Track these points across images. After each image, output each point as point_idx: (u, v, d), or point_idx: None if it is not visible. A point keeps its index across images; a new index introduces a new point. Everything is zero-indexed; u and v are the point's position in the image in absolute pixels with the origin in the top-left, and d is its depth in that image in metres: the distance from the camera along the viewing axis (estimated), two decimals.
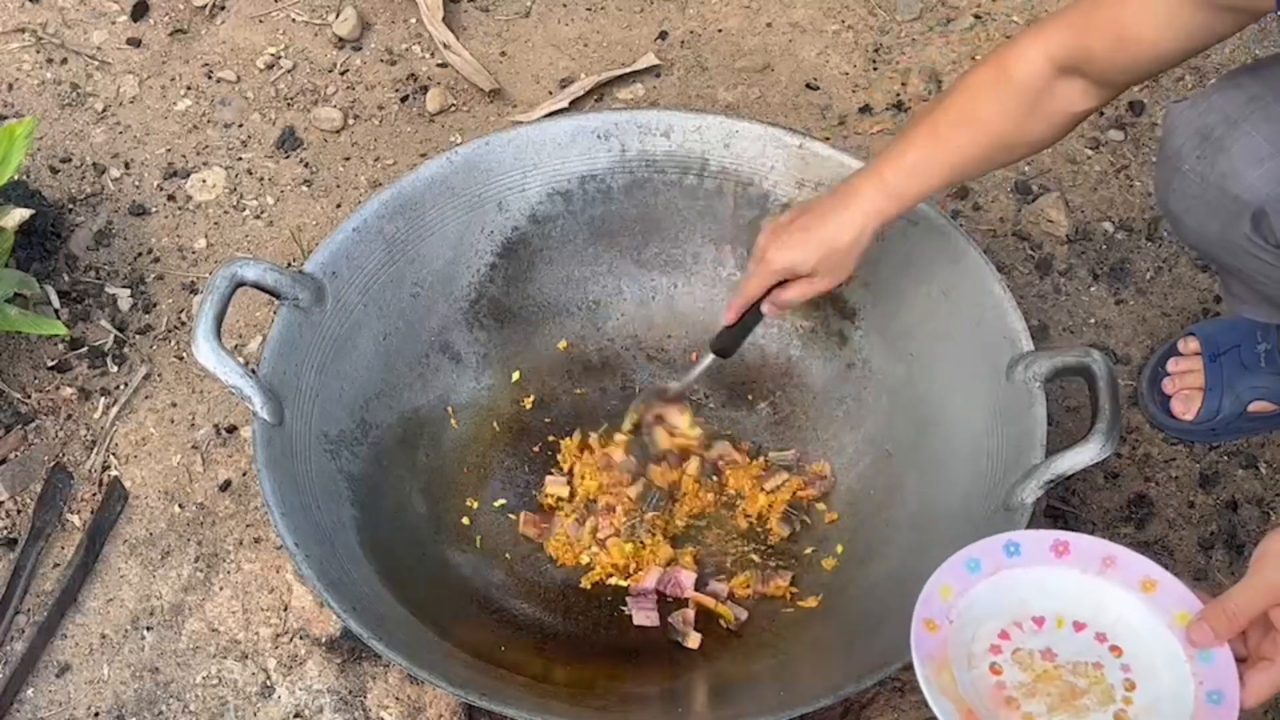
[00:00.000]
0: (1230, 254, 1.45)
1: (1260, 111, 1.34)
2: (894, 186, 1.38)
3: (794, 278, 1.44)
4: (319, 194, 2.04)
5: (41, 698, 1.57)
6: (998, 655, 1.15)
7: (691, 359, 1.77)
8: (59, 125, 2.11)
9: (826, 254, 1.41)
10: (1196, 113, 1.38)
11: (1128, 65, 1.27)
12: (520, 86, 2.18)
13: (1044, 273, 1.94)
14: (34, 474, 1.73)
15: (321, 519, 1.44)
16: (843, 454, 1.67)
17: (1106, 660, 1.14)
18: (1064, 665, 1.14)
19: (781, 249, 1.43)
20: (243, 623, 1.61)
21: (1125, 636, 1.15)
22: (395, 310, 1.63)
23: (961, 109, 1.36)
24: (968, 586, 1.17)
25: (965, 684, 1.12)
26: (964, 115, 1.35)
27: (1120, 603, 1.16)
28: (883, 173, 1.39)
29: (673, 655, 1.53)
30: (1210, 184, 1.38)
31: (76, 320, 1.87)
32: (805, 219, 1.43)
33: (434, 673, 1.31)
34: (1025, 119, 1.33)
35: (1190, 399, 1.74)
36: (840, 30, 2.24)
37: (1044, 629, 1.17)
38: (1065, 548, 1.19)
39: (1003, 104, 1.33)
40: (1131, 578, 1.17)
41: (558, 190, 1.70)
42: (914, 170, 1.37)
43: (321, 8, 2.26)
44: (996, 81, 1.33)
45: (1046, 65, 1.30)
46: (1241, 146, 1.35)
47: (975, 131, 1.35)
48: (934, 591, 1.16)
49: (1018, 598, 1.18)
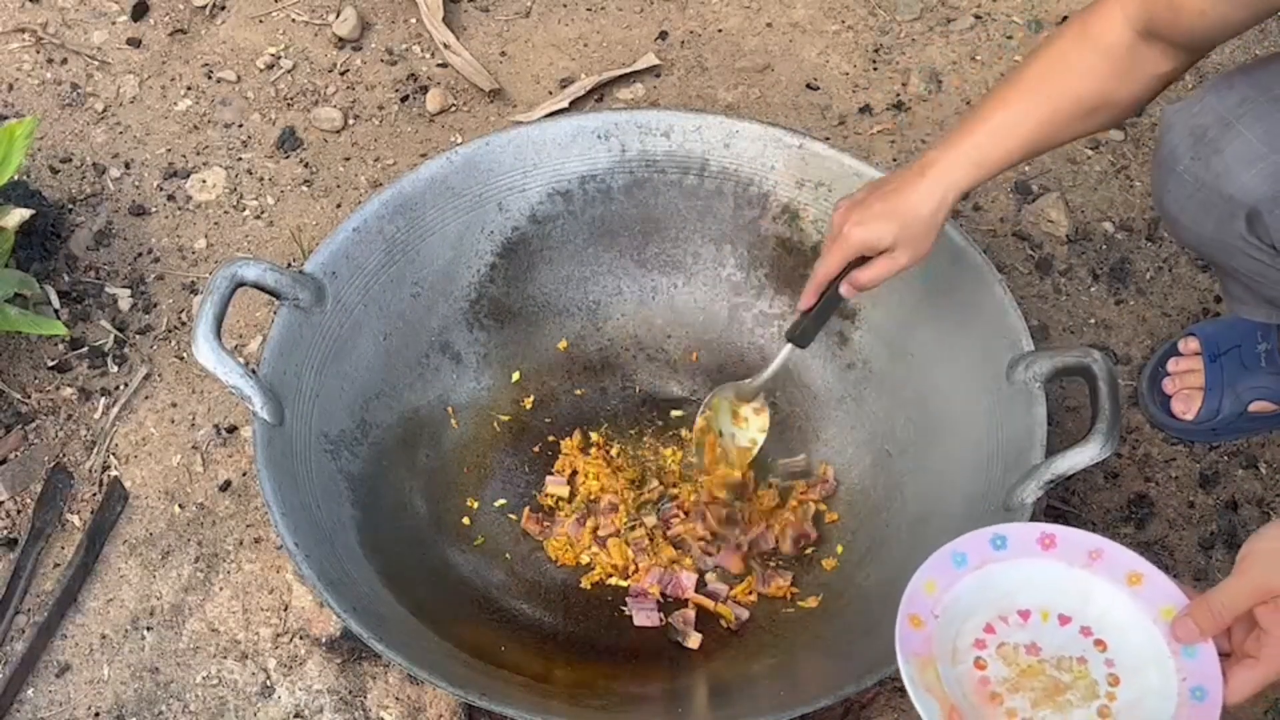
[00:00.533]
0: (1226, 254, 1.45)
1: (1253, 112, 1.34)
2: (975, 152, 1.34)
3: (873, 254, 1.40)
4: (319, 194, 2.04)
5: (41, 698, 1.57)
6: (982, 650, 1.15)
7: (692, 359, 1.77)
8: (59, 125, 2.11)
9: (907, 226, 1.36)
10: (1190, 114, 1.38)
11: (1189, 29, 1.26)
12: (520, 86, 2.18)
13: (1044, 273, 1.94)
14: (34, 474, 1.73)
15: (321, 519, 1.44)
16: (843, 454, 1.67)
17: (1091, 655, 1.14)
18: (1048, 660, 1.14)
19: (859, 224, 1.37)
20: (243, 623, 1.61)
21: (1110, 631, 1.15)
22: (395, 310, 1.63)
23: (1047, 70, 1.33)
24: (953, 581, 1.17)
25: (949, 680, 1.11)
26: (1050, 77, 1.33)
27: (1106, 596, 1.16)
28: (962, 140, 1.35)
29: (673, 655, 1.53)
30: (1205, 185, 1.38)
31: (76, 320, 1.87)
32: (882, 191, 1.38)
33: (434, 673, 1.31)
34: (1112, 80, 1.32)
35: (1190, 399, 1.74)
36: (840, 30, 2.24)
37: (1029, 623, 1.16)
38: (1052, 540, 1.19)
39: (1090, 65, 1.31)
40: (1118, 571, 1.17)
41: (558, 190, 1.70)
42: (997, 133, 1.34)
43: (321, 8, 2.26)
44: (1081, 43, 1.31)
45: (1126, 27, 1.29)
46: (1235, 147, 1.35)
47: (1062, 93, 1.32)
48: (919, 587, 1.16)
49: (1003, 591, 1.17)
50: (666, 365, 1.78)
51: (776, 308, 1.74)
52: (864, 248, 1.39)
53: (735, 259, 1.75)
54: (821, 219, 1.68)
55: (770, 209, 1.70)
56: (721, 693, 1.48)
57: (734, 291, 1.76)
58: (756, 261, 1.74)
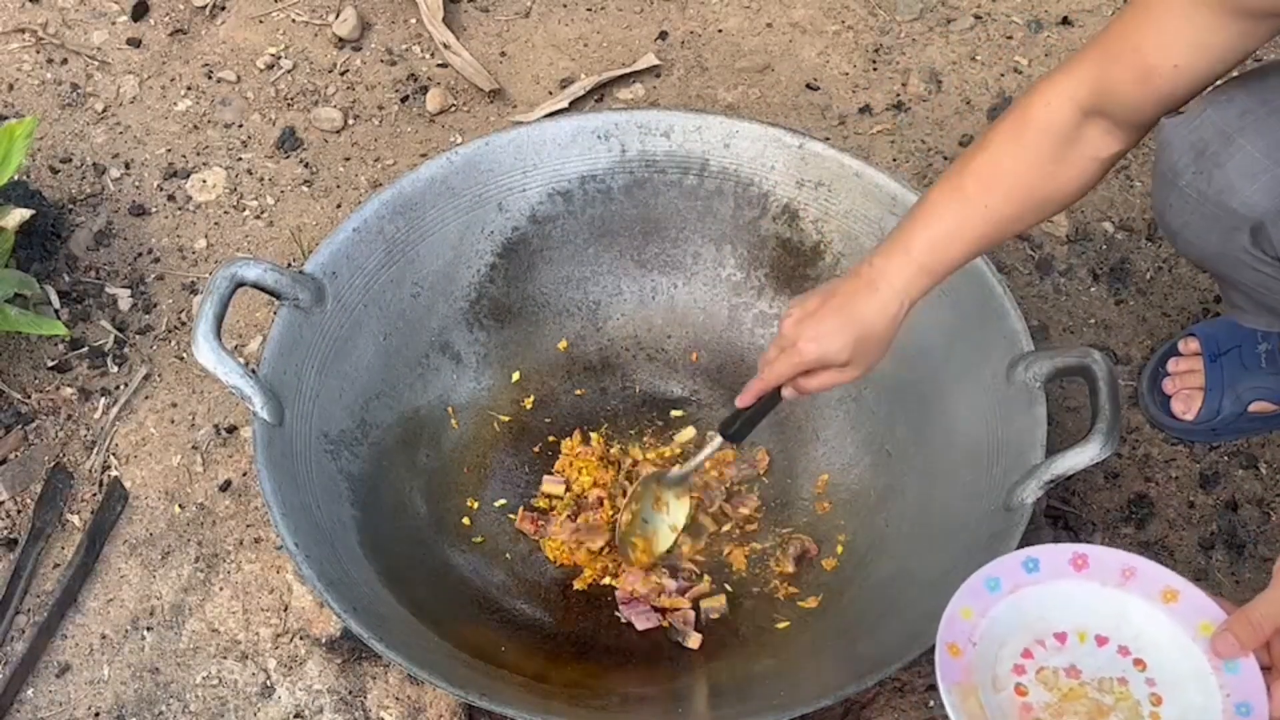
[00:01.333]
0: (1230, 267, 1.45)
1: (1253, 125, 1.34)
2: (924, 260, 1.30)
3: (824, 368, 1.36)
4: (319, 194, 2.04)
5: (41, 698, 1.57)
6: (1022, 676, 1.13)
7: (692, 359, 1.77)
8: (59, 125, 2.11)
9: (862, 341, 1.32)
10: (1190, 128, 1.38)
11: (1152, 98, 1.22)
12: (520, 86, 2.18)
13: (1044, 273, 1.94)
14: (34, 474, 1.73)
15: (321, 519, 1.44)
16: (843, 454, 1.67)
17: (1131, 675, 1.13)
18: (1089, 682, 1.13)
19: (814, 340, 1.33)
20: (243, 623, 1.61)
21: (1149, 649, 1.14)
22: (395, 310, 1.63)
23: (987, 166, 1.29)
24: (988, 606, 1.16)
25: (992, 708, 1.10)
26: (991, 173, 1.29)
27: (1142, 615, 1.15)
28: (910, 247, 1.31)
29: (673, 655, 1.53)
30: (1207, 199, 1.38)
31: (76, 320, 1.87)
32: (835, 302, 1.33)
33: (434, 673, 1.31)
34: (1053, 170, 1.28)
35: (1190, 399, 1.74)
36: (840, 30, 2.24)
37: (1066, 645, 1.15)
38: (1084, 561, 1.18)
39: (1029, 155, 1.27)
40: (1152, 589, 1.15)
41: (558, 190, 1.70)
42: (946, 241, 1.30)
43: (321, 8, 2.26)
44: (1020, 132, 1.27)
45: (1070, 109, 1.25)
46: (1237, 161, 1.34)
47: (1005, 189, 1.28)
48: (955, 614, 1.14)
49: (1038, 615, 1.16)
50: (666, 365, 1.78)
51: (776, 308, 1.74)
52: (818, 363, 1.34)
53: (735, 259, 1.75)
54: (821, 219, 1.68)
55: (770, 209, 1.70)
56: (721, 693, 1.48)
57: (734, 292, 1.76)
58: (756, 262, 1.74)
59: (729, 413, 1.47)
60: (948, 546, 1.45)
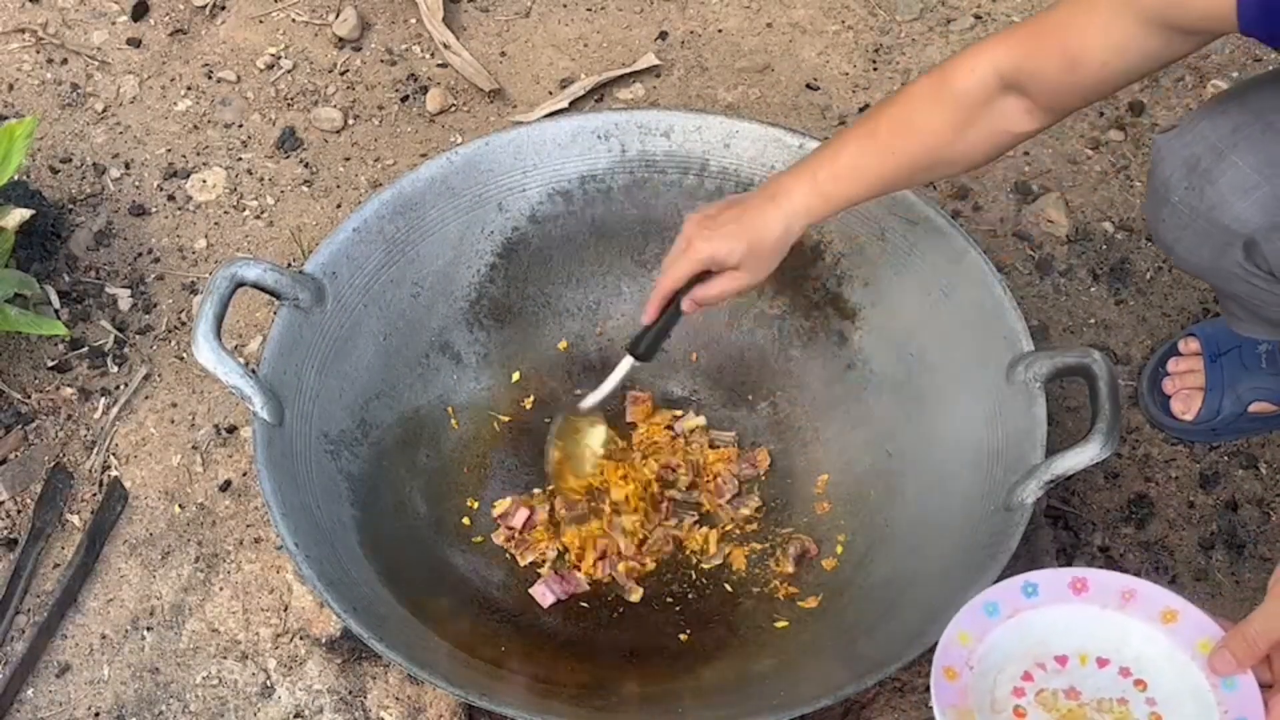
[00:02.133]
0: (1224, 280, 1.45)
1: (1246, 141, 1.34)
2: (825, 187, 1.36)
3: (718, 270, 1.42)
4: (319, 194, 2.04)
5: (41, 698, 1.57)
6: (1021, 698, 1.13)
7: (692, 359, 1.77)
8: (59, 125, 2.11)
9: (753, 247, 1.39)
10: (1183, 143, 1.37)
11: (1076, 87, 1.24)
12: (520, 86, 2.18)
13: (1044, 273, 1.94)
14: (34, 474, 1.73)
15: (321, 519, 1.44)
16: (843, 454, 1.67)
17: (1131, 695, 1.13)
18: (1089, 703, 1.13)
19: (709, 240, 1.40)
20: (243, 623, 1.61)
21: (1149, 670, 1.14)
22: (395, 310, 1.63)
23: (902, 116, 1.34)
24: (986, 631, 1.16)
25: None
26: (904, 123, 1.33)
27: (1142, 636, 1.15)
28: (815, 172, 1.37)
29: (673, 655, 1.53)
30: (1200, 215, 1.38)
31: (76, 320, 1.87)
32: (734, 210, 1.41)
33: (434, 673, 1.31)
34: (962, 131, 1.30)
35: (1190, 399, 1.74)
36: (840, 30, 2.24)
37: (1067, 668, 1.15)
38: (1083, 584, 1.18)
39: (942, 114, 1.30)
40: (1152, 610, 1.15)
41: (558, 190, 1.70)
42: (847, 173, 1.36)
43: (321, 8, 2.26)
44: (938, 91, 1.30)
45: (992, 79, 1.27)
46: (1229, 177, 1.34)
47: (911, 140, 1.33)
48: (952, 638, 1.14)
49: (1038, 638, 1.16)
50: (667, 365, 1.77)
51: (776, 308, 1.74)
52: (711, 262, 1.41)
53: None
54: None
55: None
56: (721, 693, 1.48)
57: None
58: None
59: (635, 332, 1.51)
60: (948, 546, 1.45)
